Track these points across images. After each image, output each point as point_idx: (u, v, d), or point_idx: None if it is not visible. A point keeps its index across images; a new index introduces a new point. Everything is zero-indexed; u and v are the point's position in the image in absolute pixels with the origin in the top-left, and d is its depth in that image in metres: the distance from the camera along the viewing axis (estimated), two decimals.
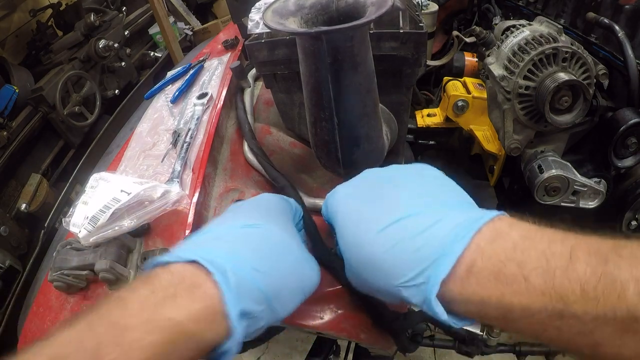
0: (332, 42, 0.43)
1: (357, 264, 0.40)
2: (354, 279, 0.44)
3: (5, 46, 2.14)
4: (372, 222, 0.39)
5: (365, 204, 0.41)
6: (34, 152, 1.91)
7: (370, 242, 0.38)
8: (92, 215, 0.54)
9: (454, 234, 0.34)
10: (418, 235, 0.35)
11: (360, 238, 0.39)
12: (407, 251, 0.35)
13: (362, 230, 0.39)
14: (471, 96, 1.14)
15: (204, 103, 0.80)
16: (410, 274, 0.35)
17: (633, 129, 0.89)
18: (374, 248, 0.38)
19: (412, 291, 0.35)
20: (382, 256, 0.37)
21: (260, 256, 0.39)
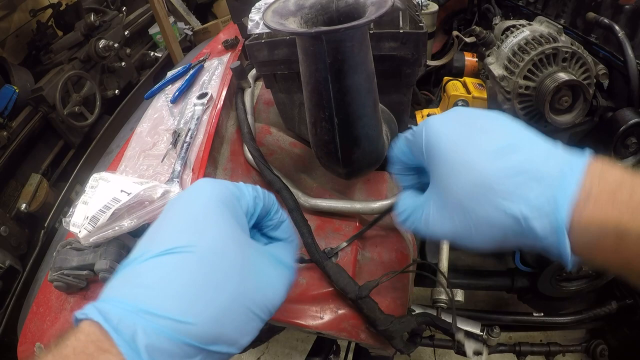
0: (332, 42, 0.43)
1: (463, 195, 0.37)
2: (451, 218, 0.39)
3: (5, 46, 2.14)
4: (483, 149, 0.37)
5: (471, 134, 0.39)
6: (34, 152, 1.91)
7: (484, 167, 0.36)
8: (92, 215, 0.54)
9: (568, 162, 0.34)
10: (534, 160, 0.35)
11: (471, 166, 0.37)
12: (528, 174, 0.34)
13: (472, 158, 0.37)
14: (471, 96, 1.14)
15: (204, 103, 0.80)
16: (533, 193, 0.34)
17: (633, 129, 0.89)
18: (488, 172, 0.35)
19: (536, 215, 0.34)
20: (501, 178, 0.35)
21: (188, 298, 0.32)
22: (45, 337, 0.56)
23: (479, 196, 0.36)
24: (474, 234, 0.38)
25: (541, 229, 0.34)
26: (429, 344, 0.98)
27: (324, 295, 0.60)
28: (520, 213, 0.34)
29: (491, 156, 0.36)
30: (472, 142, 0.38)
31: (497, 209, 0.35)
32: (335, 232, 0.66)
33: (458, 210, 0.38)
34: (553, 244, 0.34)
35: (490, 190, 0.35)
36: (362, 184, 0.73)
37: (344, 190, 0.72)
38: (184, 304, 0.32)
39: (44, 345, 0.55)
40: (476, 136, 0.39)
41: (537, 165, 0.35)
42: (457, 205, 0.38)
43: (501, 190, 0.35)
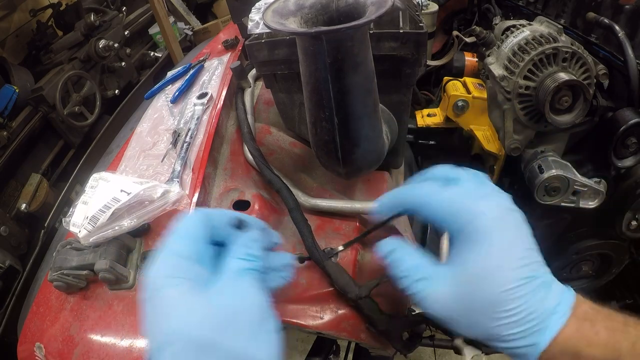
0: (332, 42, 0.43)
1: (495, 297, 0.38)
2: (457, 301, 0.40)
3: (5, 46, 2.14)
4: (514, 264, 0.39)
5: (512, 241, 0.40)
6: (34, 152, 1.91)
7: (508, 281, 0.38)
8: (92, 215, 0.54)
9: (558, 307, 0.39)
10: (539, 297, 0.39)
11: (498, 275, 0.39)
12: (529, 306, 0.38)
13: (504, 268, 0.39)
14: (471, 96, 1.14)
15: (204, 103, 0.80)
16: (521, 329, 0.38)
17: (633, 129, 0.89)
18: (507, 291, 0.38)
19: (518, 345, 0.38)
20: (509, 301, 0.38)
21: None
22: (45, 337, 0.56)
23: (493, 312, 0.38)
24: (470, 331, 0.41)
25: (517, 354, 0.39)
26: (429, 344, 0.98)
27: (324, 295, 0.60)
28: (504, 341, 0.39)
29: (518, 281, 0.38)
30: (512, 252, 0.40)
31: (493, 325, 0.39)
32: (335, 232, 0.66)
33: (467, 305, 0.40)
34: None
35: (501, 313, 0.38)
36: (362, 184, 0.73)
37: (344, 190, 0.72)
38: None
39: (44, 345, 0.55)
40: (517, 246, 0.40)
41: (538, 305, 0.38)
42: (468, 301, 0.40)
43: (505, 312, 0.38)
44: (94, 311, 0.55)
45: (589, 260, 1.18)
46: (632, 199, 0.96)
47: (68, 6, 2.34)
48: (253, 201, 0.66)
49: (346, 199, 0.70)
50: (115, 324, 0.53)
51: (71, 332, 0.54)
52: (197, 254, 0.39)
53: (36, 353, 0.55)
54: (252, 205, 0.65)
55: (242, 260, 0.39)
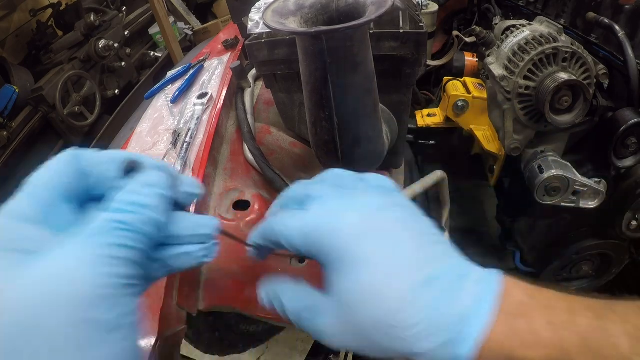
0: (332, 42, 0.43)
1: (379, 324, 0.32)
2: (358, 336, 0.33)
3: (5, 46, 2.14)
4: (402, 275, 0.32)
5: (388, 250, 0.33)
6: (34, 152, 1.91)
7: (399, 301, 0.31)
8: None
9: (476, 300, 0.32)
10: (447, 300, 0.32)
11: (389, 291, 0.32)
12: (432, 316, 0.31)
13: (393, 283, 0.32)
14: (471, 96, 1.14)
15: (204, 103, 0.80)
16: (433, 345, 0.31)
17: (633, 129, 0.90)
18: (401, 308, 0.31)
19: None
20: (411, 318, 0.31)
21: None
22: None
23: (381, 331, 0.32)
24: (369, 350, 0.33)
25: None
26: None
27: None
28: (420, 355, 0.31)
29: (407, 295, 0.31)
30: (391, 266, 0.32)
31: (397, 347, 0.31)
32: None
33: (361, 335, 0.33)
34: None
35: (395, 332, 0.31)
36: None
37: None
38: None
39: None
40: (396, 257, 0.33)
41: (448, 310, 0.31)
42: (360, 331, 0.33)
43: (406, 336, 0.31)
44: None
45: (589, 260, 1.18)
46: (632, 199, 0.96)
47: (68, 6, 2.35)
48: (253, 201, 0.66)
49: None
50: None
51: None
52: (42, 214, 0.28)
53: None
54: (252, 205, 0.65)
55: (115, 212, 0.27)
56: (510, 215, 1.23)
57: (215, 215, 0.65)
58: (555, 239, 1.15)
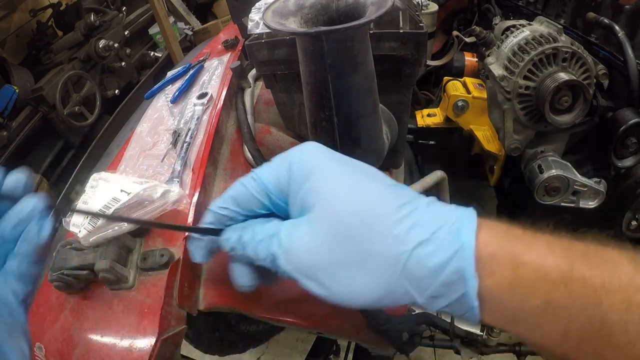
0: (332, 42, 0.43)
1: (364, 221, 0.32)
2: (339, 240, 0.34)
3: (5, 46, 2.15)
4: (376, 181, 0.35)
5: (359, 174, 0.36)
6: (34, 152, 1.92)
7: (379, 196, 0.33)
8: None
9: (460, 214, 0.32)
10: (429, 209, 0.33)
11: (365, 192, 0.34)
12: (422, 213, 0.32)
13: (365, 186, 0.35)
14: (471, 96, 1.14)
15: (204, 103, 0.80)
16: (430, 231, 0.31)
17: (633, 129, 0.90)
18: (383, 201, 0.33)
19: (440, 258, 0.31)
20: (397, 217, 0.32)
21: None
22: (46, 337, 0.56)
23: (372, 232, 0.32)
24: (354, 268, 0.33)
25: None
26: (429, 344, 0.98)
27: None
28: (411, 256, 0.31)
29: (387, 189, 0.33)
30: (363, 178, 0.35)
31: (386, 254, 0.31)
32: None
33: (342, 240, 0.33)
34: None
35: (385, 232, 0.31)
36: None
37: None
38: None
39: (44, 345, 0.55)
40: (365, 174, 0.35)
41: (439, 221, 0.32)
42: (342, 234, 0.33)
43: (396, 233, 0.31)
44: (94, 311, 0.55)
45: None
46: (632, 199, 0.96)
47: (68, 6, 2.35)
48: None
49: None
50: (116, 324, 0.53)
51: (71, 332, 0.54)
52: None
53: (36, 353, 0.55)
54: None
55: None
56: (510, 215, 1.23)
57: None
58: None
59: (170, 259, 0.55)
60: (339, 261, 0.33)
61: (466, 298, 0.30)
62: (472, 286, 0.30)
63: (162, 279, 0.54)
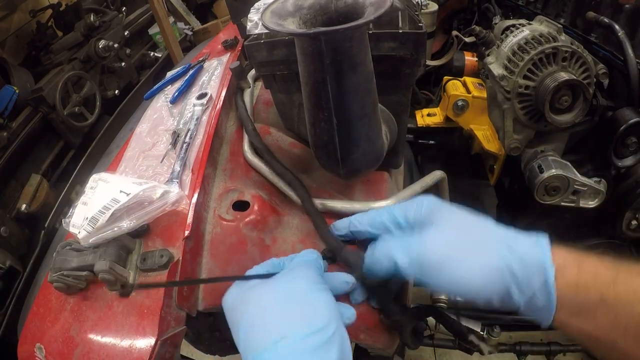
0: (331, 43, 0.43)
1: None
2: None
3: (5, 46, 2.15)
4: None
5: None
6: (34, 153, 1.91)
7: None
8: (91, 216, 0.54)
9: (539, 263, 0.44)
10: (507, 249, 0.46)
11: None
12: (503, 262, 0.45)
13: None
14: (471, 96, 1.14)
15: (204, 103, 0.80)
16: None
17: (633, 128, 0.89)
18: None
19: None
20: None
21: None
22: (46, 338, 0.56)
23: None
24: (468, 258, 0.47)
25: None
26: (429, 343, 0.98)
27: None
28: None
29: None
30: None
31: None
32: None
33: (463, 234, 0.49)
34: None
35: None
36: (362, 184, 0.73)
37: (343, 190, 0.72)
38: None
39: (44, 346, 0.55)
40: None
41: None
42: (463, 231, 0.49)
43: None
44: (94, 312, 0.55)
45: None
46: (632, 198, 0.96)
47: (68, 6, 2.34)
48: (252, 201, 0.66)
49: (346, 199, 0.70)
50: (115, 325, 0.53)
51: (71, 332, 0.54)
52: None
53: (36, 354, 0.55)
54: (252, 206, 0.65)
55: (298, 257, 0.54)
56: (510, 215, 1.23)
57: (215, 216, 0.65)
58: (555, 239, 1.14)
59: (169, 259, 0.55)
60: (456, 251, 0.47)
61: (546, 287, 0.42)
62: (550, 274, 0.42)
63: (161, 279, 0.54)
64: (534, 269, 0.43)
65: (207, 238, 0.62)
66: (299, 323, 0.42)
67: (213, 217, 0.65)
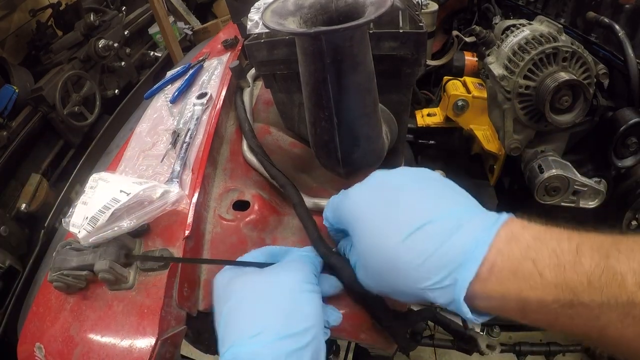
0: (332, 42, 0.43)
1: (378, 268, 0.41)
2: (371, 282, 0.45)
3: (5, 46, 2.14)
4: (394, 228, 0.40)
5: (385, 210, 0.42)
6: (34, 152, 1.91)
7: (395, 248, 0.39)
8: (91, 215, 0.54)
9: (474, 239, 0.36)
10: (442, 242, 0.37)
11: (384, 244, 0.40)
12: (433, 257, 0.37)
13: (385, 236, 0.40)
14: (471, 96, 1.14)
15: (204, 103, 0.80)
16: (437, 277, 0.37)
17: (633, 128, 0.89)
18: (399, 254, 0.39)
19: (439, 293, 0.37)
20: (407, 262, 0.38)
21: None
22: (45, 338, 0.56)
23: (391, 276, 0.40)
24: (394, 296, 0.44)
25: (444, 302, 0.38)
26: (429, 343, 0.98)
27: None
28: (424, 292, 0.38)
29: (403, 243, 0.39)
30: (384, 226, 0.41)
31: (410, 286, 0.39)
32: None
33: (377, 279, 0.43)
34: (456, 311, 0.38)
35: (401, 273, 0.39)
36: None
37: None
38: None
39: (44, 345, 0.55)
40: (390, 218, 0.41)
41: (445, 248, 0.37)
42: (375, 278, 0.44)
43: (410, 273, 0.38)
44: (94, 311, 0.55)
45: None
46: (632, 198, 0.96)
47: (68, 6, 2.34)
48: (252, 201, 0.66)
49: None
50: (115, 324, 0.53)
51: (71, 332, 0.54)
52: None
53: (36, 353, 0.55)
54: (252, 206, 0.65)
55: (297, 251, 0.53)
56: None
57: (215, 216, 0.65)
58: None
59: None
60: (384, 291, 0.45)
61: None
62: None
63: (161, 279, 0.54)
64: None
65: (207, 238, 0.62)
66: (279, 321, 0.41)
67: (213, 217, 0.65)
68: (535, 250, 0.34)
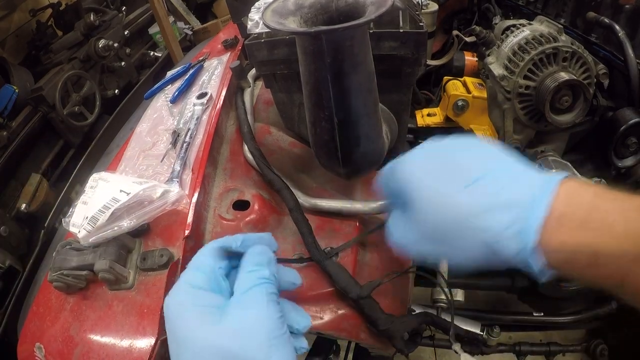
0: (332, 42, 0.43)
1: (441, 222, 0.40)
2: (429, 245, 0.43)
3: (5, 46, 2.14)
4: (456, 178, 0.39)
5: (442, 167, 0.42)
6: (34, 152, 1.91)
7: (457, 201, 0.38)
8: (91, 215, 0.54)
9: (539, 186, 0.36)
10: (506, 186, 0.37)
11: (445, 199, 0.39)
12: (497, 205, 0.36)
13: (445, 191, 0.40)
14: (471, 96, 1.14)
15: (204, 103, 0.80)
16: (505, 220, 0.36)
17: (633, 128, 0.89)
18: (461, 207, 0.38)
19: (506, 241, 0.36)
20: (472, 213, 0.37)
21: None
22: (45, 337, 0.56)
23: (455, 231, 0.39)
24: (454, 257, 0.41)
25: (512, 252, 0.36)
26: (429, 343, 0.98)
27: (324, 295, 0.60)
28: (492, 241, 0.37)
29: (463, 193, 0.38)
30: (443, 180, 0.40)
31: (473, 240, 0.38)
32: (335, 232, 0.66)
33: (437, 240, 0.41)
34: (523, 264, 0.36)
35: (466, 225, 0.38)
36: (362, 184, 0.73)
37: (344, 190, 0.72)
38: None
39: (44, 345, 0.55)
40: (447, 173, 0.41)
41: (508, 194, 0.37)
42: (435, 237, 0.41)
43: (475, 224, 0.37)
44: (94, 311, 0.55)
45: None
46: None
47: (68, 6, 2.34)
48: (253, 201, 0.66)
49: (346, 199, 0.70)
50: (115, 324, 0.53)
51: (71, 332, 0.54)
52: (209, 281, 0.41)
53: (36, 353, 0.55)
54: (252, 206, 0.65)
55: (252, 272, 0.41)
56: None
57: (215, 216, 0.65)
58: None
59: (169, 259, 0.55)
60: (443, 255, 0.43)
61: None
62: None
63: (161, 279, 0.54)
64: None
65: (207, 237, 0.62)
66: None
67: (213, 217, 0.65)
68: (601, 201, 0.34)
